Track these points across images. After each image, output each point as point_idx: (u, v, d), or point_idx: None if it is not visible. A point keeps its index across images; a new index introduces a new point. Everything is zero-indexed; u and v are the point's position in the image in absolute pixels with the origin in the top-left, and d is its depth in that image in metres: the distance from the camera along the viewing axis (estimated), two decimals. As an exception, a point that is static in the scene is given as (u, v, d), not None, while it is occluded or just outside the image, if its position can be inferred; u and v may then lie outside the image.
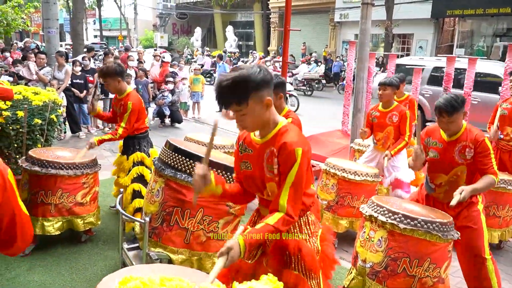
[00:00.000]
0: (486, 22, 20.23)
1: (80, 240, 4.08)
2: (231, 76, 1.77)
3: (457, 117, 3.03)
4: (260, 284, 1.43)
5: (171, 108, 10.23)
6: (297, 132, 1.90)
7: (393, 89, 4.69)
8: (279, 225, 1.83)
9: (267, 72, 1.84)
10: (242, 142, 2.07)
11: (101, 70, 4.14)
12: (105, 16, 39.42)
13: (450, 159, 3.15)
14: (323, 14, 26.24)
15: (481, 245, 3.09)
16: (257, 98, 1.81)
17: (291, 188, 1.84)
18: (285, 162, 1.84)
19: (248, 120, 1.85)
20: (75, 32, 12.86)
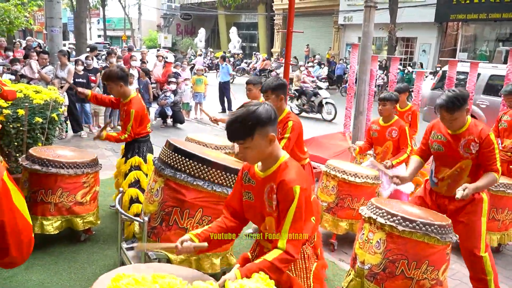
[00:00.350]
0: (489, 27, 20.22)
1: (79, 239, 4.08)
2: (239, 114, 1.89)
3: (459, 114, 3.02)
4: (251, 282, 1.44)
5: (173, 109, 10.25)
6: (296, 169, 1.95)
7: (392, 104, 4.71)
8: (277, 262, 1.84)
9: (272, 110, 1.93)
10: (247, 173, 2.12)
11: (104, 73, 4.16)
12: (109, 16, 39.54)
13: (454, 153, 3.14)
14: (327, 16, 26.26)
15: (477, 243, 3.11)
16: (262, 133, 1.89)
17: (290, 227, 1.88)
18: (284, 200, 1.89)
19: (250, 153, 1.94)
20: (79, 31, 12.90)
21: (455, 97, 2.98)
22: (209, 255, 3.15)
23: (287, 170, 1.93)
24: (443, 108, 3.02)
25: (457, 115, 3.02)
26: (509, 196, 4.31)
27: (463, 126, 3.10)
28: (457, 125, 3.09)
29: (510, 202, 4.36)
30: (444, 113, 3.03)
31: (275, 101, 3.62)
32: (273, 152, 1.97)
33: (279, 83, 3.64)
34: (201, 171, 3.03)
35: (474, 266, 3.17)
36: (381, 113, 4.77)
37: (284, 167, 1.95)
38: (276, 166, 1.97)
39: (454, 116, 3.02)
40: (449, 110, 3.00)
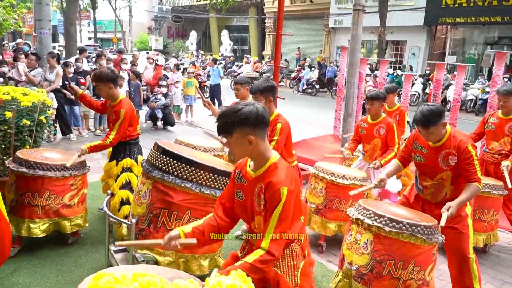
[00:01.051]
0: (477, 30, 20.46)
1: (67, 242, 4.04)
2: (227, 109, 1.97)
3: (435, 129, 3.08)
4: (228, 278, 1.45)
5: (163, 111, 10.23)
6: (285, 171, 1.98)
7: (380, 102, 4.78)
8: (257, 263, 1.88)
9: (255, 113, 1.93)
10: (239, 172, 2.15)
11: (95, 74, 4.15)
12: (99, 18, 39.35)
13: (434, 164, 3.20)
14: (317, 19, 26.39)
15: (465, 246, 3.15)
16: (239, 133, 1.94)
17: (276, 227, 1.91)
18: (271, 201, 1.93)
19: (234, 148, 2.01)
20: (68, 33, 12.82)
21: (429, 114, 3.03)
22: (197, 256, 3.16)
23: (276, 171, 1.96)
24: (419, 124, 3.09)
25: (432, 130, 3.08)
26: (494, 197, 4.36)
27: (441, 138, 3.15)
28: (434, 138, 3.15)
29: (495, 203, 4.41)
30: (421, 128, 3.11)
31: (264, 103, 3.63)
32: (261, 153, 2.00)
33: (268, 85, 3.66)
34: (189, 173, 3.04)
35: (461, 268, 3.20)
36: (369, 111, 4.85)
37: (273, 168, 1.98)
38: (266, 167, 2.00)
39: (429, 131, 3.08)
40: (424, 126, 3.07)
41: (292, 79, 22.16)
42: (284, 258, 2.09)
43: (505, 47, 19.08)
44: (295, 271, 2.11)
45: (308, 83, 20.52)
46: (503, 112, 4.61)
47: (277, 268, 2.06)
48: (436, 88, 7.13)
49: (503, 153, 4.55)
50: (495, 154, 4.63)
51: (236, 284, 1.42)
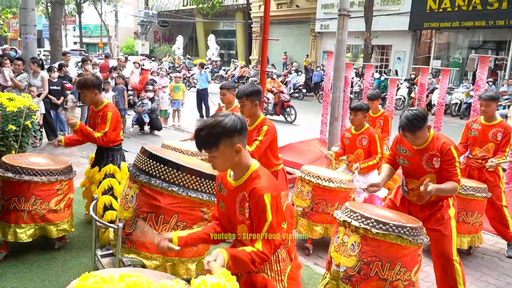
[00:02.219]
0: (462, 35, 20.82)
1: (53, 247, 4.02)
2: (207, 124, 1.93)
3: (421, 133, 3.15)
4: (213, 278, 1.48)
5: (150, 116, 10.20)
6: (267, 178, 2.01)
7: (363, 113, 4.85)
8: (254, 255, 1.93)
9: (239, 121, 1.95)
10: (221, 182, 2.17)
11: (79, 81, 4.12)
12: (85, 23, 39.07)
13: (418, 167, 3.27)
14: (304, 24, 26.58)
15: (449, 248, 3.21)
16: (227, 144, 1.93)
17: (264, 233, 1.95)
18: (256, 207, 1.96)
19: (218, 162, 1.99)
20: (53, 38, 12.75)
21: (415, 119, 3.10)
22: (184, 260, 3.16)
23: (258, 178, 1.99)
24: (405, 129, 3.15)
25: (419, 134, 3.15)
26: (478, 200, 4.43)
27: (425, 141, 3.22)
28: (420, 142, 3.22)
29: (479, 205, 4.49)
30: (406, 133, 3.16)
31: (250, 107, 3.66)
32: (243, 161, 2.02)
33: (253, 89, 3.69)
34: (176, 177, 3.04)
35: (445, 270, 3.25)
36: (352, 122, 4.92)
37: (255, 176, 2.00)
38: (248, 175, 2.02)
39: (416, 135, 3.15)
40: (411, 131, 3.13)
41: (279, 83, 22.24)
42: (271, 264, 2.12)
43: (490, 51, 19.42)
44: (282, 276, 2.14)
45: (295, 87, 20.64)
46: (485, 118, 4.68)
47: (264, 273, 2.09)
48: (421, 92, 7.24)
49: (487, 158, 4.61)
50: (479, 160, 4.70)
51: (221, 283, 1.44)
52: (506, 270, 4.39)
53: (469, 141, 4.80)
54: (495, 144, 4.60)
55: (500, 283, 4.11)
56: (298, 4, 26.59)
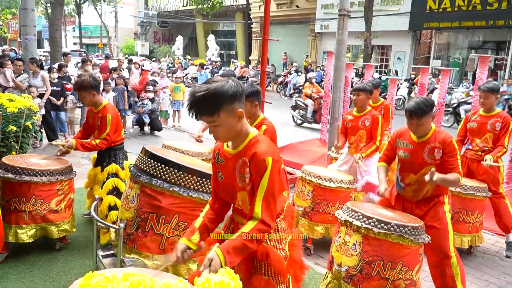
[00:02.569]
0: (461, 35, 20.84)
1: (54, 247, 4.01)
2: (204, 88, 1.83)
3: (426, 120, 3.16)
4: (216, 276, 1.48)
5: (150, 116, 10.20)
6: (267, 142, 1.96)
7: (366, 94, 4.84)
8: (254, 231, 1.87)
9: (238, 85, 1.89)
10: (217, 153, 2.12)
11: (76, 83, 4.12)
12: (85, 23, 39.12)
13: (419, 159, 3.26)
14: (304, 24, 26.60)
15: (446, 244, 3.20)
16: (229, 110, 1.86)
17: (264, 196, 1.90)
18: (257, 171, 1.90)
19: (220, 130, 1.91)
20: (53, 39, 12.74)
21: (423, 103, 3.14)
22: (186, 260, 3.16)
23: (258, 143, 1.94)
24: (412, 113, 3.15)
25: (424, 120, 3.15)
26: (478, 199, 4.43)
27: (427, 133, 3.23)
28: (423, 131, 3.22)
29: (479, 204, 4.48)
30: (413, 117, 3.16)
31: (250, 108, 3.66)
32: (243, 128, 1.96)
33: (253, 90, 3.69)
34: (177, 177, 3.05)
35: (442, 267, 3.24)
36: (355, 103, 4.91)
37: (254, 141, 1.95)
38: (247, 142, 1.97)
39: (421, 121, 3.15)
40: (418, 115, 3.13)
41: (279, 83, 22.27)
42: (271, 233, 2.07)
43: (489, 51, 19.44)
44: (282, 244, 2.11)
45: (295, 87, 20.64)
46: (484, 110, 4.69)
47: (264, 243, 2.04)
48: (421, 92, 7.24)
49: (486, 150, 4.61)
50: (478, 151, 4.69)
51: (225, 281, 1.45)
52: (506, 269, 4.39)
53: (469, 133, 4.81)
54: (494, 134, 4.60)
55: (501, 282, 4.11)
56: (298, 4, 26.62)
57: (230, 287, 1.43)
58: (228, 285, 1.45)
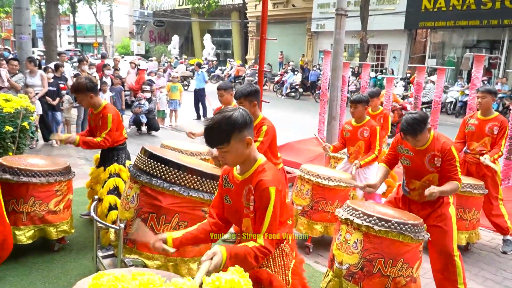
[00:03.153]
0: (456, 34, 20.93)
1: (52, 249, 3.99)
2: (215, 120, 1.95)
3: (422, 136, 3.17)
4: (227, 274, 1.49)
5: (148, 116, 10.18)
6: (272, 171, 2.03)
7: (363, 106, 4.86)
8: (256, 250, 1.94)
9: (247, 114, 1.99)
10: (226, 177, 2.19)
11: (72, 86, 4.11)
12: (79, 22, 38.94)
13: (421, 167, 3.29)
14: (300, 24, 26.62)
15: (450, 244, 3.23)
16: (238, 138, 1.95)
17: (268, 228, 1.96)
18: (260, 200, 1.97)
19: (230, 157, 2.00)
20: (48, 38, 12.65)
21: (416, 124, 3.12)
22: (186, 260, 3.16)
23: (264, 172, 2.00)
24: (406, 133, 3.17)
25: (420, 137, 3.17)
26: (475, 197, 4.47)
27: (426, 142, 3.24)
28: (421, 144, 3.24)
29: (476, 202, 4.52)
30: (408, 136, 3.19)
31: (249, 107, 3.67)
32: (251, 155, 2.04)
33: (252, 89, 3.70)
34: (177, 177, 3.04)
35: (446, 266, 3.27)
36: (353, 115, 4.94)
37: (261, 169, 2.02)
38: (254, 169, 2.04)
39: (417, 139, 3.17)
40: (412, 135, 3.15)
41: (275, 83, 22.29)
42: (275, 258, 2.13)
43: (484, 50, 19.55)
44: (286, 270, 2.16)
45: (291, 86, 20.68)
46: (482, 112, 4.73)
47: (268, 268, 2.11)
48: (417, 91, 7.27)
49: (484, 153, 4.65)
50: (476, 155, 4.73)
51: (235, 279, 1.45)
52: (502, 265, 4.43)
53: (467, 136, 4.84)
54: (492, 138, 4.65)
55: (497, 278, 4.14)
56: (294, 4, 26.64)
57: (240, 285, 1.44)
58: (238, 283, 1.45)
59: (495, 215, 4.73)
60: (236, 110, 1.99)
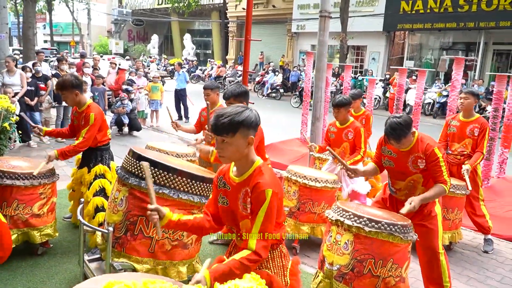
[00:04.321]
0: (433, 36, 21.36)
1: (36, 253, 3.91)
2: (230, 109, 1.98)
3: (406, 140, 3.21)
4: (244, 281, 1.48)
5: (129, 116, 10.04)
6: (270, 174, 2.04)
7: (346, 108, 4.90)
8: (245, 260, 1.93)
9: (258, 117, 2.04)
10: (222, 178, 2.18)
11: (58, 83, 4.01)
12: (56, 20, 38.14)
13: (404, 168, 3.34)
14: (280, 24, 26.70)
15: (435, 242, 3.30)
16: (244, 133, 1.97)
17: (260, 228, 1.96)
18: (256, 201, 1.97)
19: (228, 149, 1.99)
20: (26, 37, 12.37)
21: (400, 129, 3.15)
22: (175, 263, 3.13)
23: (261, 174, 2.01)
24: (390, 137, 3.21)
25: (404, 141, 3.22)
26: (458, 197, 4.56)
27: (409, 144, 3.29)
28: (405, 147, 3.29)
29: (459, 202, 4.62)
30: (391, 140, 3.23)
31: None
32: (249, 156, 2.04)
33: (241, 90, 3.70)
34: (167, 179, 3.01)
35: (431, 263, 3.35)
36: (336, 118, 4.98)
37: (258, 171, 2.03)
38: (251, 171, 2.04)
39: (401, 142, 3.22)
40: (396, 139, 3.20)
41: (256, 83, 22.30)
42: (274, 259, 2.14)
43: (460, 52, 20.01)
44: (285, 271, 2.17)
45: (272, 87, 20.72)
46: (463, 114, 4.84)
47: (268, 270, 2.11)
48: (399, 93, 7.39)
49: (465, 154, 4.77)
50: (458, 156, 4.84)
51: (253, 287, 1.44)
52: (484, 264, 4.53)
53: (448, 137, 4.95)
54: (473, 140, 4.75)
55: (480, 277, 4.24)
56: (275, 4, 26.72)
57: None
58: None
59: (478, 215, 4.85)
60: (250, 109, 2.02)
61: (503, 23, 17.37)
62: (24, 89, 7.90)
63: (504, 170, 6.70)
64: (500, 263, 4.55)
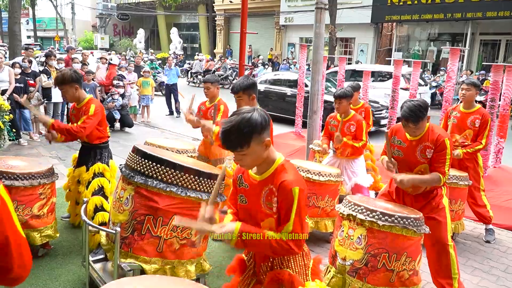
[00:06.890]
0: (420, 27, 21.46)
1: (36, 255, 3.80)
2: (234, 122, 1.85)
3: (423, 123, 3.19)
4: None
5: (121, 112, 9.88)
6: (294, 171, 1.97)
7: (348, 100, 4.83)
8: (272, 241, 1.90)
9: (264, 115, 1.92)
10: (241, 176, 2.12)
11: (57, 78, 3.90)
12: (39, 15, 37.42)
13: (412, 158, 3.31)
14: (268, 17, 26.58)
15: (444, 234, 3.29)
16: (258, 140, 1.88)
17: (293, 228, 1.90)
18: (284, 202, 1.91)
19: (248, 159, 1.93)
20: (12, 32, 12.06)
21: (418, 110, 3.13)
22: (183, 262, 3.07)
23: (285, 172, 1.94)
24: (408, 119, 3.17)
25: (421, 124, 3.19)
26: (461, 188, 4.58)
27: (422, 131, 3.27)
28: (420, 132, 3.26)
29: (462, 193, 4.63)
30: (409, 123, 3.19)
31: (247, 101, 3.58)
32: (269, 155, 1.97)
33: (249, 82, 3.61)
34: (174, 177, 2.94)
35: (440, 256, 3.33)
36: (338, 110, 4.89)
37: (281, 169, 1.96)
38: (273, 169, 1.98)
39: (418, 126, 3.19)
40: (413, 121, 3.16)
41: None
42: (296, 258, 2.09)
43: (447, 43, 20.16)
44: (306, 271, 2.12)
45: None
46: (464, 105, 4.83)
47: (290, 269, 2.06)
48: (395, 84, 7.38)
49: (466, 145, 4.77)
50: (458, 147, 4.83)
51: None
52: (487, 254, 4.56)
53: (450, 128, 4.93)
54: (474, 131, 4.75)
55: (484, 267, 4.26)
56: (262, -3, 26.56)
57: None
58: None
59: (479, 205, 4.86)
60: (254, 110, 1.90)
61: (489, 14, 17.53)
62: (12, 85, 7.71)
63: (500, 159, 6.75)
64: (503, 253, 4.58)
